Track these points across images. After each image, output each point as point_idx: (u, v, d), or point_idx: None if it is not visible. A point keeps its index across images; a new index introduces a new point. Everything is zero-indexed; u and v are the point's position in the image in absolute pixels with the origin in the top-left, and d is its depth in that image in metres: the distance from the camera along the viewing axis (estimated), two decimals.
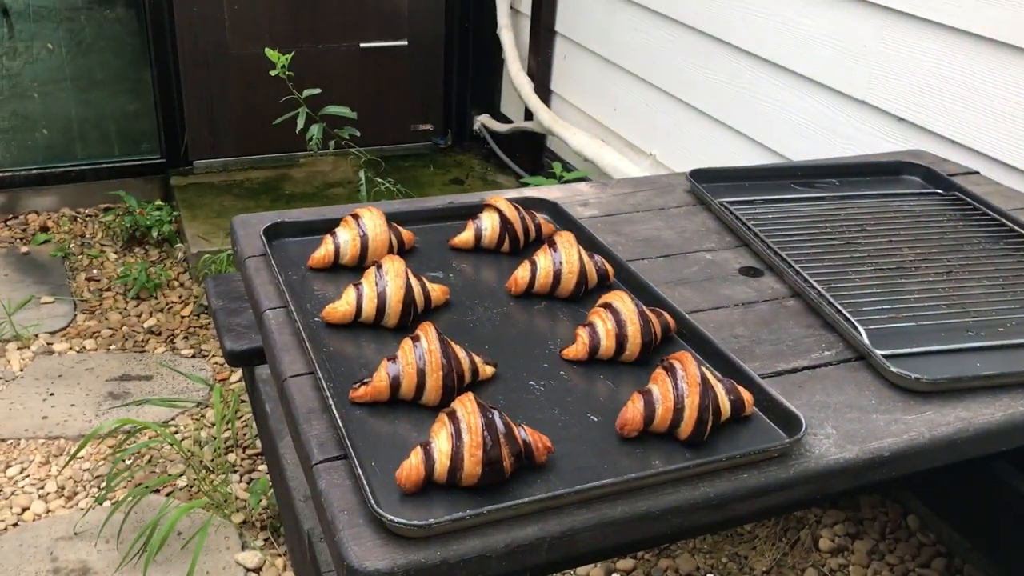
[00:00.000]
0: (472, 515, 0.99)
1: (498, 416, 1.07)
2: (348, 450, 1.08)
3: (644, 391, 1.17)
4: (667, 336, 1.36)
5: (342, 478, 1.07)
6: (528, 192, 1.89)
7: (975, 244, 1.72)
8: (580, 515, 1.04)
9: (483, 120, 4.34)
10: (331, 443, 1.12)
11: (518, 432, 1.08)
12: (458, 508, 1.02)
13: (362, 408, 1.19)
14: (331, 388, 1.19)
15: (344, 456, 1.10)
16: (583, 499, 1.05)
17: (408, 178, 3.96)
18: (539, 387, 1.26)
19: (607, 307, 1.32)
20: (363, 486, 1.02)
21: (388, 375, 1.18)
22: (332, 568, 1.32)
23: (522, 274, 1.47)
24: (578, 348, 1.31)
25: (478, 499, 1.04)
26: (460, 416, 1.07)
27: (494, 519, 1.01)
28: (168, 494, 2.35)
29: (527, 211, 1.64)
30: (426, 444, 1.06)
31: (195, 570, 2.04)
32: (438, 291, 1.42)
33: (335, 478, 1.07)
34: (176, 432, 2.56)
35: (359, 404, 1.19)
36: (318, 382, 1.20)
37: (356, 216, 1.53)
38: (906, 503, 2.30)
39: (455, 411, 1.08)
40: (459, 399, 1.10)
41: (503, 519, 1.01)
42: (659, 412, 1.15)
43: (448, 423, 1.07)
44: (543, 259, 1.47)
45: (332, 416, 1.14)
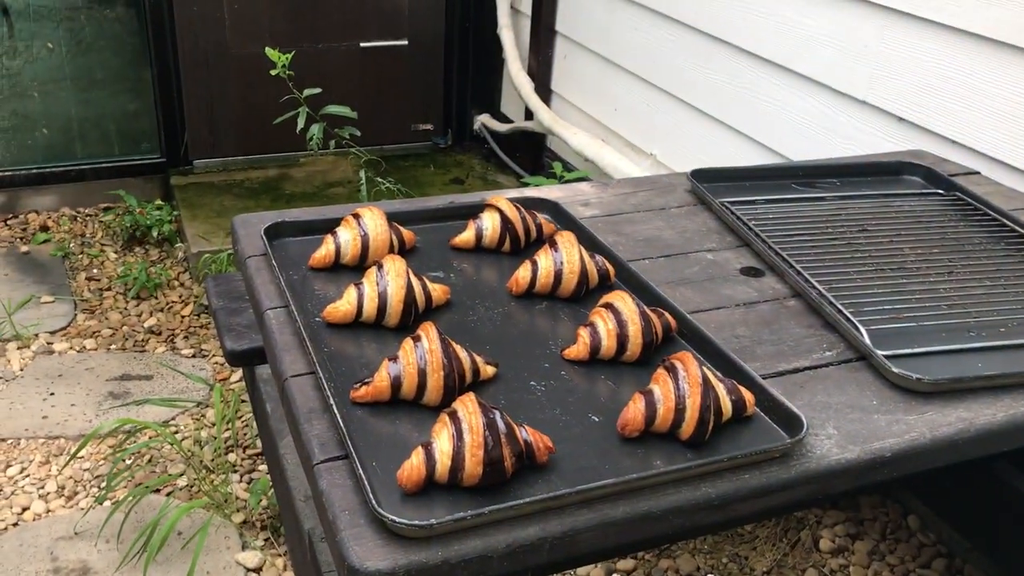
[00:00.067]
0: (473, 515, 0.99)
1: (499, 416, 1.07)
2: (349, 450, 1.07)
3: (645, 391, 1.17)
4: (668, 336, 1.36)
5: (343, 478, 1.07)
6: (529, 192, 1.89)
7: (976, 244, 1.72)
8: (581, 515, 1.04)
9: (483, 120, 4.34)
10: (332, 443, 1.12)
11: (519, 432, 1.08)
12: (459, 508, 1.02)
13: (363, 408, 1.19)
14: (332, 388, 1.19)
15: (345, 456, 1.10)
16: (584, 499, 1.05)
17: (408, 178, 3.96)
18: (540, 387, 1.25)
19: (608, 307, 1.32)
20: (364, 486, 1.02)
21: (389, 375, 1.18)
22: (333, 568, 1.32)
23: (523, 274, 1.47)
24: (579, 348, 1.31)
25: (479, 499, 1.03)
26: (461, 416, 1.07)
27: (495, 519, 1.01)
28: (168, 494, 2.35)
29: (528, 211, 1.64)
30: (427, 444, 1.06)
31: (195, 570, 2.04)
32: (439, 291, 1.42)
33: (336, 478, 1.07)
34: (176, 432, 2.56)
35: (360, 404, 1.19)
36: (319, 382, 1.20)
37: (357, 216, 1.53)
38: (906, 503, 2.30)
39: (456, 411, 1.08)
40: (460, 399, 1.10)
41: (504, 519, 1.01)
42: (660, 412, 1.15)
43: (449, 423, 1.07)
44: (544, 259, 1.47)
45: (333, 416, 1.14)
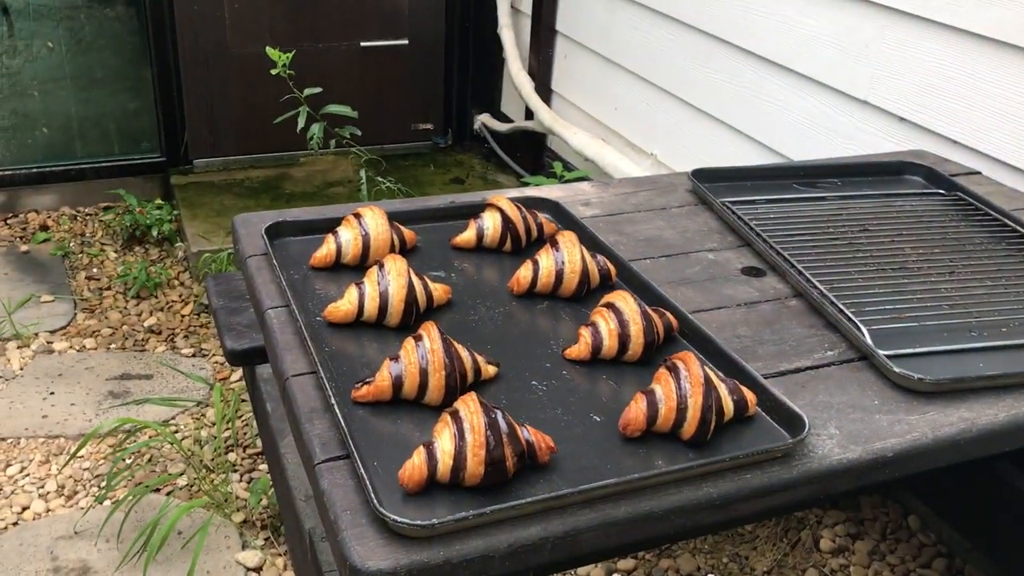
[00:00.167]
0: (475, 515, 0.99)
1: (501, 416, 1.07)
2: (350, 450, 1.07)
3: (647, 391, 1.17)
4: (670, 336, 1.36)
5: (344, 478, 1.07)
6: (530, 191, 1.89)
7: (977, 244, 1.72)
8: (583, 515, 1.03)
9: (483, 119, 4.34)
10: (333, 443, 1.12)
11: (521, 432, 1.08)
12: (461, 508, 1.02)
13: (364, 408, 1.19)
14: (333, 387, 1.19)
15: (346, 456, 1.09)
16: (586, 499, 1.05)
17: (408, 177, 3.96)
18: (542, 387, 1.25)
19: (610, 307, 1.32)
20: (366, 486, 1.01)
21: (390, 374, 1.18)
22: (333, 568, 1.32)
23: (524, 274, 1.47)
24: (581, 348, 1.31)
25: (481, 499, 1.03)
26: (463, 416, 1.07)
27: (497, 519, 1.01)
28: (168, 493, 2.35)
29: (529, 210, 1.64)
30: (429, 444, 1.06)
31: (195, 569, 2.03)
32: (440, 290, 1.42)
33: (337, 478, 1.07)
34: (176, 431, 2.56)
35: (361, 404, 1.19)
36: (320, 381, 1.20)
37: (358, 215, 1.52)
38: (907, 503, 2.30)
39: (458, 411, 1.08)
40: (462, 399, 1.10)
41: (506, 519, 1.01)
42: (662, 412, 1.14)
43: (451, 423, 1.07)
44: (545, 259, 1.46)
45: (334, 416, 1.13)
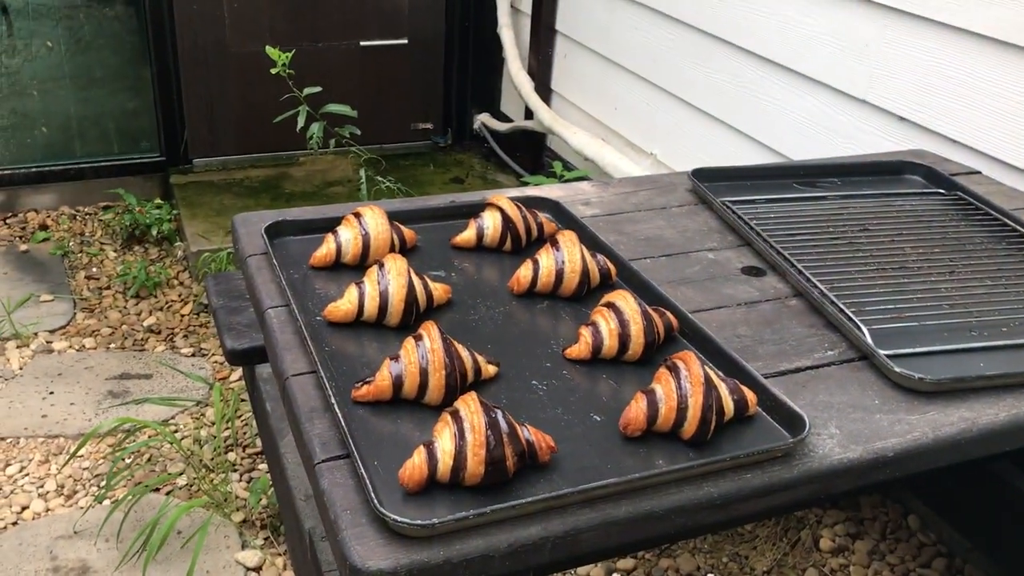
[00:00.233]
0: (475, 515, 0.99)
1: (501, 415, 1.07)
2: (350, 449, 1.07)
3: (647, 391, 1.17)
4: (670, 336, 1.36)
5: (344, 477, 1.07)
6: (530, 191, 1.89)
7: (977, 244, 1.72)
8: (583, 515, 1.03)
9: (483, 119, 4.34)
10: (333, 442, 1.12)
11: (521, 432, 1.07)
12: (461, 508, 1.02)
13: (364, 407, 1.19)
14: (333, 387, 1.19)
15: (346, 455, 1.09)
16: (586, 499, 1.05)
17: (408, 177, 3.96)
18: (542, 386, 1.25)
19: (610, 306, 1.32)
20: (366, 485, 1.01)
21: (391, 374, 1.18)
22: (333, 567, 1.32)
23: (524, 273, 1.47)
24: (581, 347, 1.31)
25: (481, 499, 1.03)
26: (463, 415, 1.07)
27: (497, 519, 1.01)
28: (168, 493, 2.35)
29: (529, 210, 1.63)
30: (429, 443, 1.06)
31: (195, 569, 2.03)
32: (440, 290, 1.42)
33: (337, 477, 1.07)
34: (176, 431, 2.55)
35: (361, 403, 1.19)
36: (320, 381, 1.20)
37: (358, 215, 1.52)
38: (907, 503, 2.30)
39: (458, 410, 1.08)
40: (462, 398, 1.10)
41: (506, 519, 1.01)
42: (662, 412, 1.14)
43: (451, 422, 1.07)
44: (545, 258, 1.46)
45: (334, 415, 1.13)
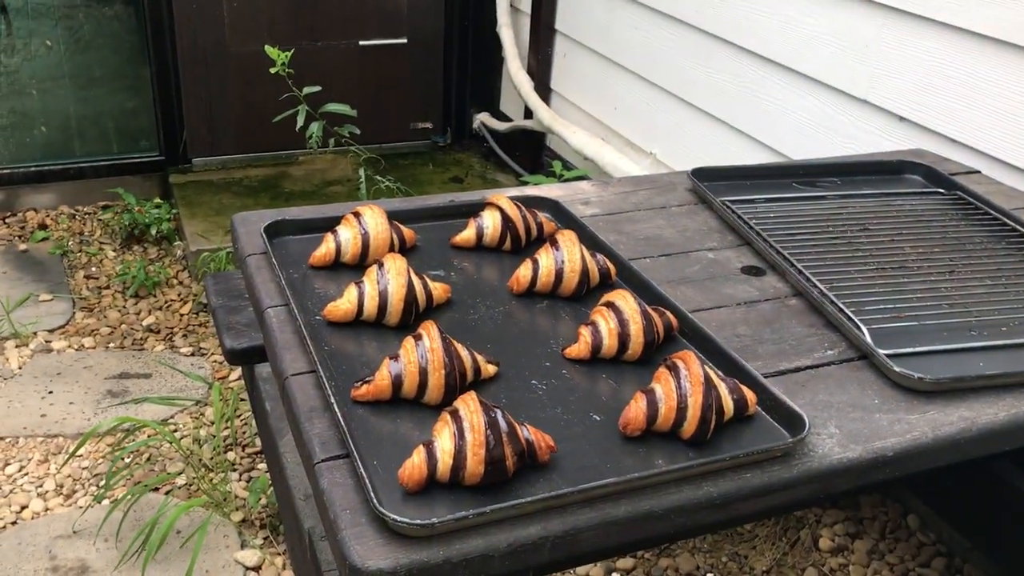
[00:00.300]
0: (475, 514, 0.99)
1: (501, 415, 1.07)
2: (350, 449, 1.07)
3: (647, 390, 1.17)
4: (669, 335, 1.35)
5: (344, 477, 1.07)
6: (529, 190, 1.89)
7: (977, 243, 1.72)
8: (583, 514, 1.03)
9: (482, 118, 4.34)
10: (333, 442, 1.12)
11: (521, 431, 1.07)
12: (461, 507, 1.01)
13: (364, 407, 1.18)
14: (333, 387, 1.19)
15: (346, 455, 1.09)
16: (586, 498, 1.04)
17: (407, 176, 3.96)
18: (541, 386, 1.25)
19: (609, 306, 1.32)
20: (365, 485, 1.01)
21: (390, 374, 1.18)
22: (333, 567, 1.32)
23: (524, 273, 1.47)
24: (580, 347, 1.31)
25: (481, 498, 1.03)
26: (463, 415, 1.07)
27: (497, 518, 1.01)
28: (167, 492, 2.35)
29: (528, 209, 1.63)
30: (429, 443, 1.06)
31: (194, 569, 2.03)
32: (440, 289, 1.42)
33: (337, 477, 1.07)
34: (175, 430, 2.55)
35: (361, 403, 1.19)
36: (320, 381, 1.20)
37: (357, 214, 1.52)
38: (906, 502, 2.30)
39: (458, 410, 1.08)
40: (461, 398, 1.10)
41: (506, 518, 1.01)
42: (662, 411, 1.14)
43: (451, 422, 1.07)
44: (545, 258, 1.46)
45: (334, 415, 1.13)
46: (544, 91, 3.88)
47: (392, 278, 1.34)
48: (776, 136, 2.72)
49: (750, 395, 1.20)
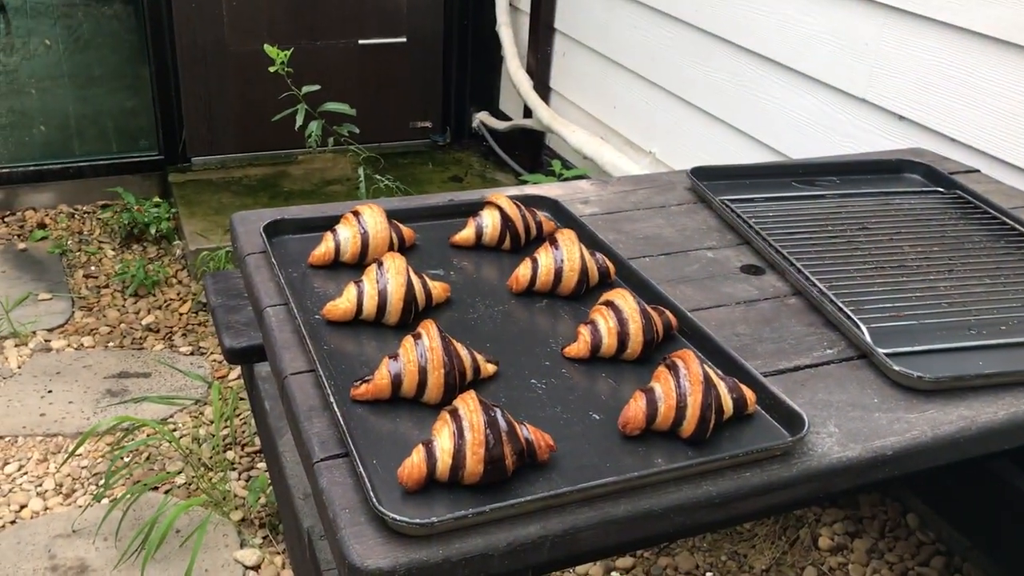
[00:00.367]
0: (474, 513, 0.99)
1: (500, 414, 1.07)
2: (349, 448, 1.07)
3: (646, 389, 1.17)
4: (669, 334, 1.35)
5: (343, 476, 1.06)
6: (529, 190, 1.89)
7: (976, 242, 1.72)
8: (582, 514, 1.03)
9: (482, 117, 4.34)
10: (332, 441, 1.12)
11: (520, 430, 1.07)
12: (460, 506, 1.01)
13: (363, 406, 1.18)
14: (332, 386, 1.19)
15: (345, 454, 1.09)
16: (585, 497, 1.04)
17: (407, 175, 3.96)
18: (541, 385, 1.25)
19: (609, 305, 1.32)
20: (364, 484, 1.01)
21: (389, 373, 1.18)
22: (332, 566, 1.32)
23: (523, 272, 1.47)
24: (580, 346, 1.31)
25: (480, 497, 1.03)
26: (462, 414, 1.06)
27: (496, 517, 1.01)
28: (167, 492, 2.35)
29: (528, 208, 1.63)
30: (428, 442, 1.06)
31: (194, 568, 2.03)
32: (439, 289, 1.42)
33: (336, 476, 1.07)
34: (175, 430, 2.55)
35: (360, 402, 1.19)
36: (319, 380, 1.20)
37: (356, 213, 1.52)
38: (905, 501, 2.30)
39: (457, 409, 1.08)
40: (461, 397, 1.09)
41: (505, 517, 1.01)
42: (661, 410, 1.14)
43: (450, 421, 1.07)
44: (544, 257, 1.46)
45: (333, 414, 1.13)
46: (543, 90, 3.88)
47: (391, 277, 1.34)
48: (775, 135, 2.72)
49: (749, 394, 1.20)
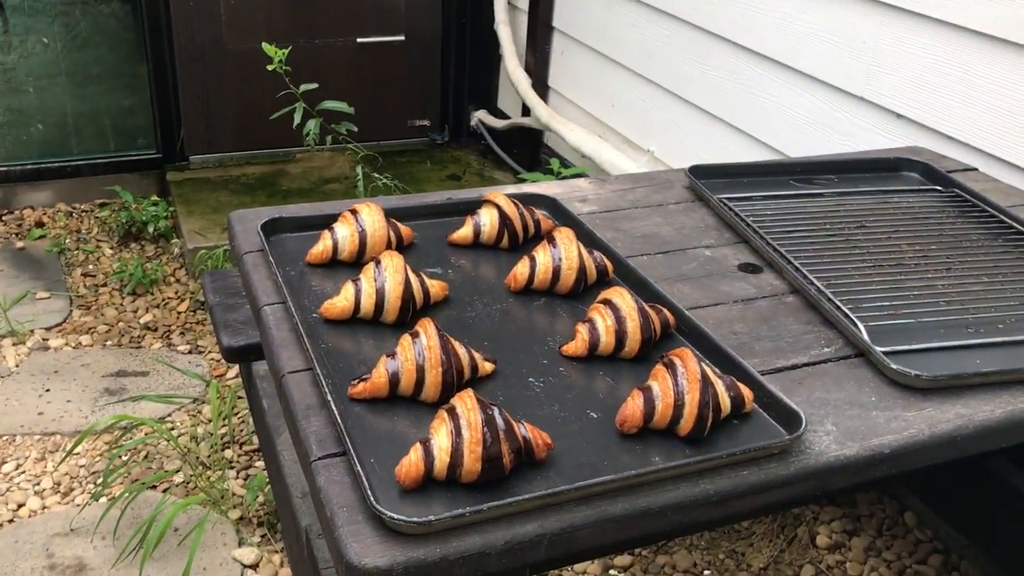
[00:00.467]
0: (472, 512, 0.99)
1: (498, 413, 1.07)
2: (347, 446, 1.07)
3: (644, 387, 1.17)
4: (666, 332, 1.35)
5: (341, 475, 1.06)
6: (527, 188, 1.89)
7: (974, 241, 1.72)
8: (580, 512, 1.03)
9: (480, 116, 4.34)
10: (330, 439, 1.12)
11: (518, 429, 1.07)
12: (458, 505, 1.01)
13: (361, 404, 1.18)
14: (330, 384, 1.19)
15: (343, 453, 1.09)
16: (583, 496, 1.04)
17: (405, 174, 3.95)
18: (538, 384, 1.25)
19: (606, 303, 1.32)
20: (362, 483, 1.01)
21: (387, 371, 1.18)
22: (330, 564, 1.32)
23: (521, 270, 1.47)
24: (577, 344, 1.31)
25: (478, 496, 1.03)
26: (460, 412, 1.06)
27: (494, 516, 1.01)
28: (165, 490, 2.35)
29: (526, 207, 1.63)
30: (425, 441, 1.06)
31: (192, 566, 2.03)
32: (437, 287, 1.42)
33: (334, 475, 1.06)
34: (173, 428, 2.55)
35: (358, 400, 1.19)
36: (316, 378, 1.20)
37: (354, 211, 1.52)
38: (903, 500, 2.30)
39: (455, 407, 1.08)
40: (458, 395, 1.09)
41: (503, 516, 1.01)
42: (659, 409, 1.14)
43: (448, 419, 1.07)
44: (542, 255, 1.46)
45: (331, 412, 1.13)
46: (542, 88, 3.88)
47: (389, 276, 1.34)
48: (773, 133, 2.72)
49: (747, 392, 1.20)
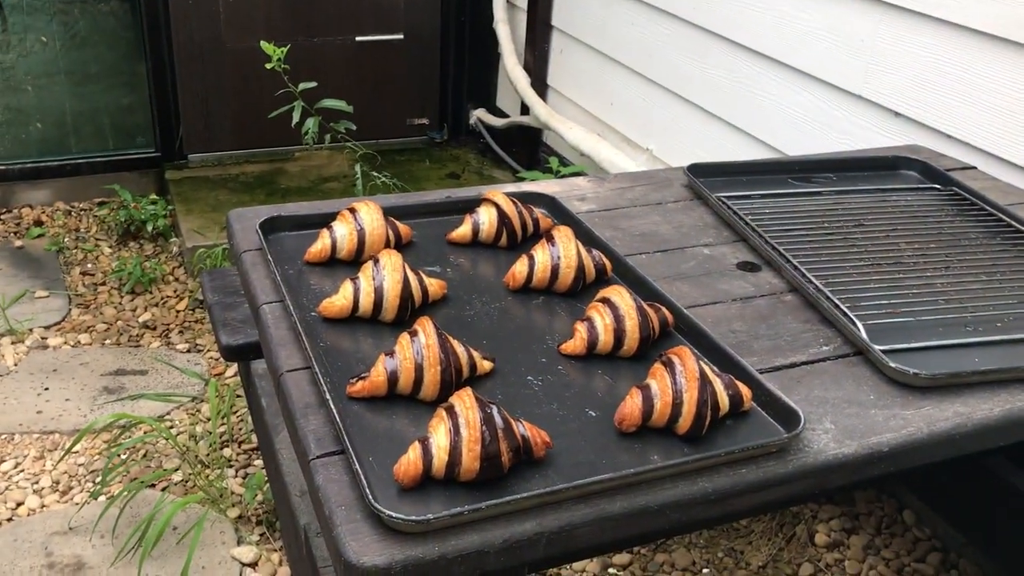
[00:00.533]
0: (470, 510, 0.99)
1: (496, 411, 1.07)
2: (345, 445, 1.07)
3: (642, 386, 1.17)
4: (665, 331, 1.35)
5: (339, 473, 1.06)
6: (526, 186, 1.89)
7: (972, 239, 1.72)
8: (578, 510, 1.03)
9: (479, 114, 4.34)
10: (328, 438, 1.12)
11: (516, 427, 1.07)
12: (456, 503, 1.01)
13: (359, 403, 1.18)
14: (328, 383, 1.19)
15: (341, 451, 1.09)
16: (581, 494, 1.05)
17: (404, 172, 3.95)
18: (537, 382, 1.25)
19: (605, 302, 1.32)
20: (361, 481, 1.01)
21: (386, 370, 1.18)
22: (328, 563, 1.32)
23: (520, 269, 1.47)
24: (576, 343, 1.31)
25: (476, 494, 1.03)
26: (458, 411, 1.07)
27: (492, 514, 1.01)
28: (163, 489, 2.35)
29: (525, 205, 1.63)
30: (424, 439, 1.06)
31: (191, 565, 2.03)
32: (436, 285, 1.42)
33: (332, 473, 1.07)
34: (171, 427, 2.55)
35: (356, 399, 1.19)
36: (315, 377, 1.20)
37: (353, 210, 1.52)
38: (902, 498, 2.30)
39: (453, 406, 1.08)
40: (457, 394, 1.10)
41: (501, 514, 1.01)
42: (657, 407, 1.14)
43: (446, 418, 1.07)
44: (541, 254, 1.46)
45: (329, 411, 1.13)
46: (541, 87, 3.88)
47: (388, 274, 1.34)
48: (771, 132, 2.72)
49: (745, 391, 1.20)
